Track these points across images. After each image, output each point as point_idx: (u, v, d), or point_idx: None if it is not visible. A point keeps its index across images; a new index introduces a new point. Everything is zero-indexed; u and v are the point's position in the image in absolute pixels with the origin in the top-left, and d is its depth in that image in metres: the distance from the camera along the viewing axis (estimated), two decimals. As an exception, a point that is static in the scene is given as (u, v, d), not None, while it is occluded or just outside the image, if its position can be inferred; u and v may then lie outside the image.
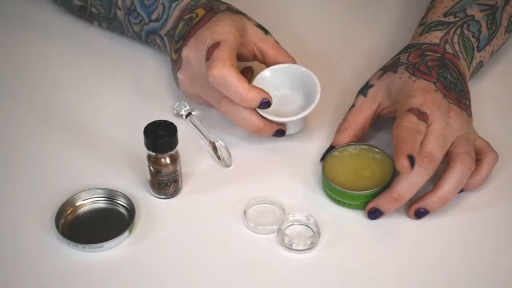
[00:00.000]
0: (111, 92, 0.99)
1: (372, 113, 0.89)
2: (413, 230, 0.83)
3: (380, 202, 0.82)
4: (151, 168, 0.84)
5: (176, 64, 0.92)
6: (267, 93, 0.86)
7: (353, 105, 0.90)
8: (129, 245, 0.82)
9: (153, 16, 0.96)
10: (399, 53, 0.92)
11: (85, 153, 0.91)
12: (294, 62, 0.91)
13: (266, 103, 0.86)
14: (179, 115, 0.94)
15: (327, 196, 0.86)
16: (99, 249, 0.81)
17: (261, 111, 0.87)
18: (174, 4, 0.95)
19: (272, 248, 0.81)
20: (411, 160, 0.79)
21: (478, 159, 0.85)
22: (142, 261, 0.81)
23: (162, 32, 0.96)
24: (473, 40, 0.93)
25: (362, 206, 0.84)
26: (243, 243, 0.82)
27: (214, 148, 0.89)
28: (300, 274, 0.80)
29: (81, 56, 1.03)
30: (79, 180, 0.87)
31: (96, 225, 0.83)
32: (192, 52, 0.89)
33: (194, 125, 0.92)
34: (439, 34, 0.92)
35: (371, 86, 0.90)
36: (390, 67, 0.90)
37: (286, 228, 0.82)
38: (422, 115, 0.83)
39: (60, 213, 0.83)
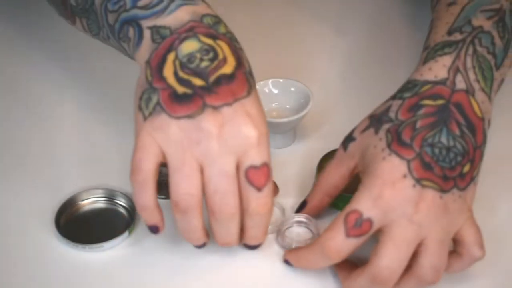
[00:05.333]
0: (111, 92, 0.99)
1: (348, 172, 0.78)
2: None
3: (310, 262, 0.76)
4: (151, 168, 0.84)
5: (171, 97, 0.71)
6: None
7: (333, 157, 0.80)
8: (129, 245, 0.82)
9: (141, 3, 0.75)
10: (394, 96, 0.77)
11: (85, 153, 0.91)
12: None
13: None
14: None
15: None
16: (99, 249, 0.81)
17: None
18: (178, 1, 0.74)
19: (272, 248, 0.82)
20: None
21: (455, 250, 0.75)
22: (142, 261, 0.81)
23: (147, 23, 0.74)
24: (489, 57, 0.77)
25: None
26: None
27: None
28: (300, 275, 0.80)
29: (81, 56, 1.03)
30: (79, 180, 0.87)
31: (96, 225, 0.83)
32: (220, 130, 0.70)
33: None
34: (448, 61, 0.76)
35: (353, 139, 0.77)
36: (376, 120, 0.76)
37: (286, 229, 0.82)
38: (358, 225, 0.70)
39: (60, 213, 0.83)
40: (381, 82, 0.79)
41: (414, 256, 0.71)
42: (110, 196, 0.85)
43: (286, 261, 0.79)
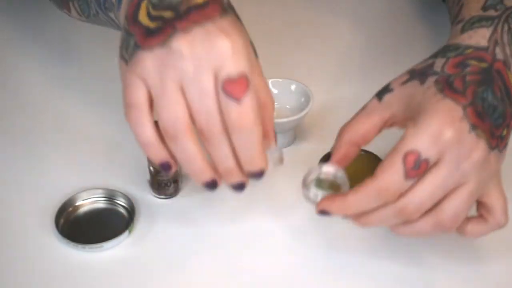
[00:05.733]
0: (111, 92, 0.99)
1: (381, 123, 0.76)
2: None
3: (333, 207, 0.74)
4: (151, 168, 0.84)
5: (144, 34, 0.70)
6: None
7: (363, 107, 0.78)
8: (129, 245, 0.82)
9: None
10: (436, 55, 0.77)
11: (85, 153, 0.91)
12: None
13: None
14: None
15: None
16: (99, 249, 0.81)
17: None
18: None
19: (273, 250, 0.82)
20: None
21: (480, 215, 0.75)
22: (142, 261, 0.81)
23: None
24: None
25: None
26: (243, 243, 0.82)
27: None
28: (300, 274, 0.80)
29: (81, 56, 1.03)
30: (79, 180, 0.87)
31: (96, 225, 0.83)
32: (192, 49, 0.68)
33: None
34: (486, 32, 0.77)
35: (391, 90, 0.76)
36: (418, 74, 0.75)
37: (311, 181, 0.78)
38: (417, 167, 0.70)
39: (60, 213, 0.83)
40: (381, 82, 0.79)
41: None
42: (110, 196, 0.85)
43: (322, 212, 0.75)
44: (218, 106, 0.68)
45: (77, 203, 0.85)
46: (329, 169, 0.77)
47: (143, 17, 0.71)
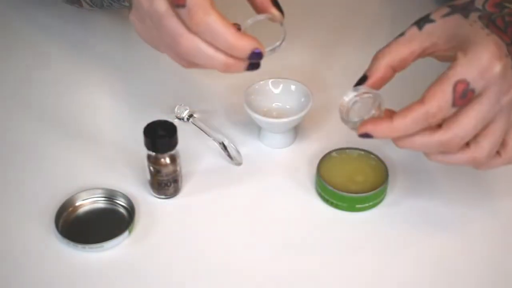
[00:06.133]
0: (111, 92, 0.99)
1: (420, 50, 0.77)
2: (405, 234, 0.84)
3: (376, 130, 0.75)
4: (151, 168, 0.84)
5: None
6: (260, 43, 0.75)
7: (401, 34, 0.78)
8: (129, 245, 0.82)
9: None
10: None
11: (85, 153, 0.91)
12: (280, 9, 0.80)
13: (257, 54, 0.74)
14: (180, 118, 0.94)
15: (317, 194, 0.86)
16: (99, 249, 0.81)
17: (252, 115, 0.87)
18: None
19: (273, 249, 0.82)
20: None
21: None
22: (142, 261, 0.81)
23: None
24: None
25: (348, 209, 0.84)
26: (244, 243, 0.82)
27: (224, 148, 0.89)
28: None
29: (81, 56, 1.04)
30: (79, 180, 0.87)
31: (96, 225, 0.83)
32: None
33: (198, 126, 0.92)
34: None
35: (432, 21, 0.77)
36: (460, 9, 0.77)
37: (350, 104, 0.77)
38: (464, 96, 0.71)
39: (60, 213, 0.83)
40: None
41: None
42: (110, 196, 0.85)
43: (364, 135, 0.75)
44: (172, 24, 0.74)
45: (77, 203, 0.85)
46: (366, 92, 0.77)
47: None
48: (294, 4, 1.12)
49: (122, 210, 0.85)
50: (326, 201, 0.85)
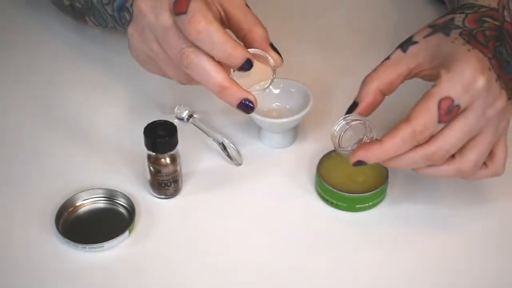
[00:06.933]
0: (111, 92, 0.99)
1: (407, 72, 0.79)
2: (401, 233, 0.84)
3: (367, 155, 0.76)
4: (151, 168, 0.84)
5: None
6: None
7: (387, 58, 0.80)
8: (129, 245, 0.82)
9: None
10: (453, 12, 0.80)
11: (85, 153, 0.91)
12: (263, 28, 0.81)
13: (248, 63, 0.76)
14: (180, 119, 0.94)
15: (317, 194, 0.86)
16: (99, 249, 0.81)
17: (252, 115, 0.87)
18: None
19: (274, 249, 0.82)
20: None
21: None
22: (142, 261, 0.81)
23: (128, 3, 0.87)
24: None
25: (348, 209, 0.84)
26: (243, 243, 0.82)
27: (224, 148, 0.89)
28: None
29: (81, 56, 1.03)
30: (79, 180, 0.87)
31: (96, 225, 0.83)
32: (147, 1, 0.78)
33: (198, 127, 0.92)
34: (494, 0, 0.81)
35: (415, 42, 0.79)
36: (441, 28, 0.79)
37: (341, 132, 0.79)
38: (450, 112, 0.73)
39: (60, 213, 0.83)
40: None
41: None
42: (110, 196, 0.85)
43: (358, 162, 0.77)
44: (175, 37, 0.77)
45: (77, 203, 0.85)
46: (356, 119, 0.79)
47: None
48: (294, 5, 1.12)
49: (122, 210, 0.85)
50: (326, 201, 0.85)
